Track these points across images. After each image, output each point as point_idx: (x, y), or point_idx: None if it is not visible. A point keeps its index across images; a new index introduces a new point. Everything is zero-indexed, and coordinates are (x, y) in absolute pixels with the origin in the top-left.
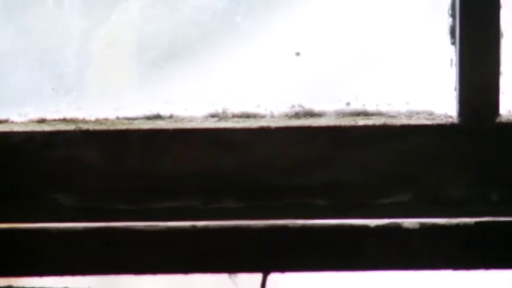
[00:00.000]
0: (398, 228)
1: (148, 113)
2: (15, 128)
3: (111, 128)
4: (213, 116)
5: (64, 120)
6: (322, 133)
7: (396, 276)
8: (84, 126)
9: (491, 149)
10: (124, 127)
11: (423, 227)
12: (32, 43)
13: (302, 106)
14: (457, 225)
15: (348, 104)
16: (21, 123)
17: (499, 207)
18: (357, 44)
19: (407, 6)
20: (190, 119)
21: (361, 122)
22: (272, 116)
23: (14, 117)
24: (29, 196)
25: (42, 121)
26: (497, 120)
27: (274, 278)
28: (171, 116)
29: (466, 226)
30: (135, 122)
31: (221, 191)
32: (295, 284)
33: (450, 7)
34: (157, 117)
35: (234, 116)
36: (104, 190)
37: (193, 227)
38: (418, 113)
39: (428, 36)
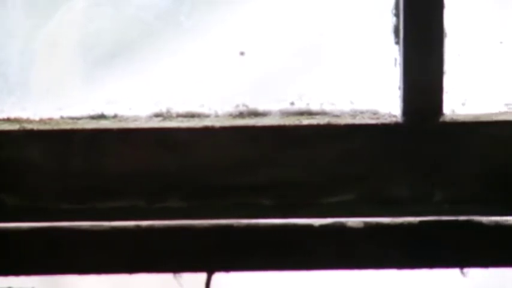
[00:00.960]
0: (342, 227)
1: (92, 113)
2: None
3: (56, 127)
4: (157, 115)
5: (8, 120)
6: (266, 133)
7: (348, 275)
8: (29, 126)
9: (435, 148)
10: (68, 127)
11: (367, 227)
12: None
13: (246, 106)
14: (401, 225)
15: (292, 103)
16: None
17: (443, 207)
18: (301, 43)
19: (351, 5)
20: (135, 119)
21: (306, 121)
22: (216, 116)
23: None
24: None
25: None
26: (441, 119)
27: (219, 277)
28: (115, 116)
29: (410, 225)
30: (80, 121)
31: (165, 191)
32: (244, 283)
33: (394, 6)
34: (102, 116)
35: (178, 115)
36: (49, 190)
37: (138, 226)
38: (362, 112)
39: (373, 36)
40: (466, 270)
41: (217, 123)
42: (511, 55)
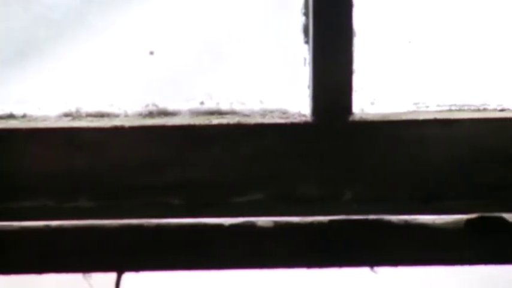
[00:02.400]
0: (252, 226)
1: (1, 113)
2: None
3: None
4: (66, 115)
5: None
6: (176, 132)
7: (259, 274)
8: None
9: (344, 147)
10: None
11: (277, 226)
12: None
13: (156, 105)
14: (311, 224)
15: (202, 103)
16: None
17: (352, 206)
18: (211, 43)
19: (261, 5)
20: (44, 119)
21: (215, 121)
22: (126, 115)
23: None
24: None
25: None
26: (351, 118)
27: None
28: (24, 116)
29: (319, 225)
30: None
31: (75, 191)
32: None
33: (303, 6)
34: (11, 116)
35: (88, 115)
36: None
37: (47, 226)
38: (272, 111)
39: (282, 35)
40: (376, 268)
41: (127, 123)
42: (419, 54)
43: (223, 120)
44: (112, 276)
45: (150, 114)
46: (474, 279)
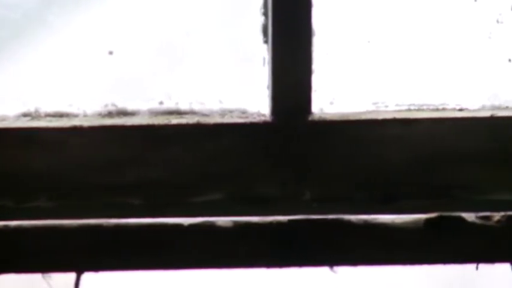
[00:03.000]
0: (211, 226)
1: None
2: None
3: None
4: (25, 115)
5: None
6: (135, 132)
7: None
8: None
9: (304, 147)
10: None
11: (237, 226)
12: None
13: (115, 105)
14: (271, 224)
15: (161, 102)
16: None
17: (312, 205)
18: (169, 43)
19: (220, 5)
20: (3, 118)
21: (175, 120)
22: (85, 115)
23: None
24: None
25: None
26: (310, 118)
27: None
28: None
29: (279, 224)
30: None
31: (34, 191)
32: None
33: (262, 5)
34: None
35: (47, 115)
36: None
37: (6, 226)
38: (231, 111)
39: (242, 35)
40: (335, 268)
41: (86, 123)
42: (378, 54)
43: (183, 120)
44: (71, 276)
45: (109, 114)
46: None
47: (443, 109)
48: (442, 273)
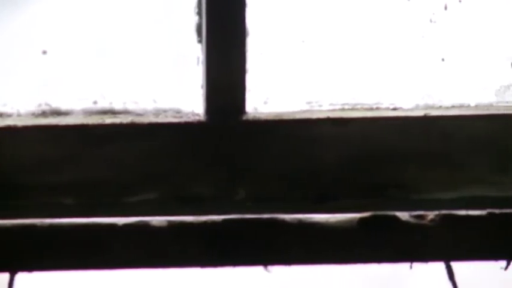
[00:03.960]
0: (146, 226)
1: None
2: None
3: None
4: None
5: None
6: (69, 132)
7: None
8: None
9: (238, 146)
10: None
11: (171, 225)
12: None
13: (49, 105)
14: (205, 223)
15: (95, 102)
16: None
17: (246, 205)
18: (104, 42)
19: (153, 4)
20: None
21: (109, 120)
22: (19, 115)
23: None
24: None
25: None
26: (244, 117)
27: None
28: None
29: (213, 224)
30: None
31: None
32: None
33: (196, 5)
34: None
35: None
36: None
37: None
38: (165, 111)
39: (176, 34)
40: (270, 267)
41: (20, 123)
42: (312, 54)
43: (117, 120)
44: (5, 276)
45: (43, 114)
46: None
47: (377, 108)
48: (377, 272)
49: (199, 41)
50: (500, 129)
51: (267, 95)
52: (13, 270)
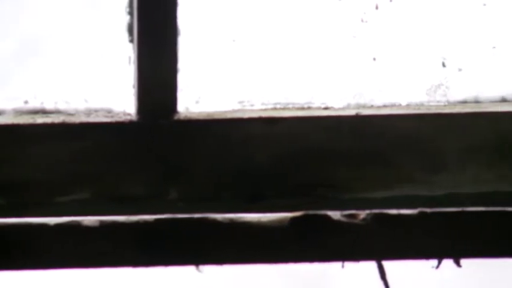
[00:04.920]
0: (78, 226)
1: None
2: None
3: None
4: None
5: None
6: (0, 131)
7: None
8: None
9: (170, 146)
10: None
11: (103, 225)
12: None
13: None
14: (137, 223)
15: (26, 102)
16: None
17: (178, 205)
18: (34, 41)
19: (83, 3)
20: None
21: (40, 120)
22: None
23: None
24: None
25: None
26: (176, 117)
27: None
28: None
29: (145, 224)
30: None
31: None
32: None
33: (128, 5)
34: None
35: None
36: None
37: None
38: (97, 110)
39: (107, 34)
40: (201, 267)
41: None
42: (244, 53)
43: (48, 120)
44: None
45: None
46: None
47: (309, 108)
48: (309, 271)
49: (131, 41)
50: (431, 128)
51: (198, 95)
52: None
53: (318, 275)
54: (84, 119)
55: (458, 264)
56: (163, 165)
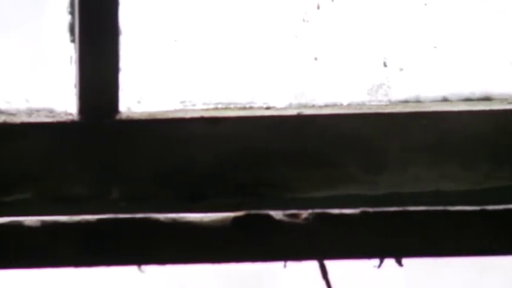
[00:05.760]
0: (19, 226)
1: None
2: None
3: None
4: None
5: None
6: None
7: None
8: None
9: (112, 146)
10: None
11: (45, 225)
12: None
13: None
14: (79, 223)
15: None
16: None
17: (120, 204)
18: None
19: (23, 2)
20: None
21: None
22: None
23: None
24: None
25: None
26: (118, 117)
27: None
28: None
29: (87, 224)
30: None
31: None
32: None
33: (69, 4)
34: None
35: None
36: None
37: None
38: (38, 110)
39: (48, 33)
40: (143, 267)
41: None
42: (186, 53)
43: None
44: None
45: None
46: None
47: (251, 108)
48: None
49: (72, 41)
50: (372, 128)
51: (140, 94)
52: None
53: (259, 275)
54: (25, 119)
55: (400, 263)
56: (105, 165)
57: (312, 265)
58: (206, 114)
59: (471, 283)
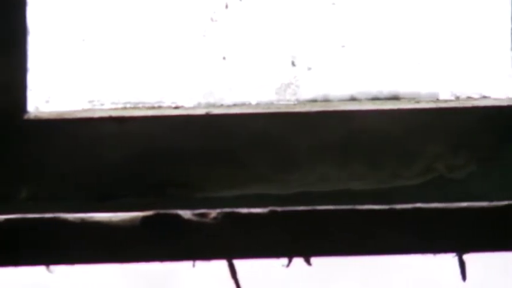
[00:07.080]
0: None
1: None
2: None
3: None
4: None
5: None
6: None
7: None
8: None
9: (19, 146)
10: None
11: None
12: None
13: None
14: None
15: None
16: None
17: (28, 204)
18: None
19: None
20: None
21: None
22: None
23: None
24: None
25: None
26: (25, 117)
27: None
28: None
29: None
30: None
31: None
32: None
33: None
34: None
35: None
36: None
37: None
38: None
39: None
40: (52, 267)
41: None
42: (94, 52)
43: None
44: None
45: None
46: None
47: (159, 107)
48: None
49: None
50: (281, 127)
51: (49, 94)
52: None
53: (166, 274)
54: None
55: (308, 262)
56: (13, 165)
57: (221, 264)
58: (114, 114)
59: (378, 282)
